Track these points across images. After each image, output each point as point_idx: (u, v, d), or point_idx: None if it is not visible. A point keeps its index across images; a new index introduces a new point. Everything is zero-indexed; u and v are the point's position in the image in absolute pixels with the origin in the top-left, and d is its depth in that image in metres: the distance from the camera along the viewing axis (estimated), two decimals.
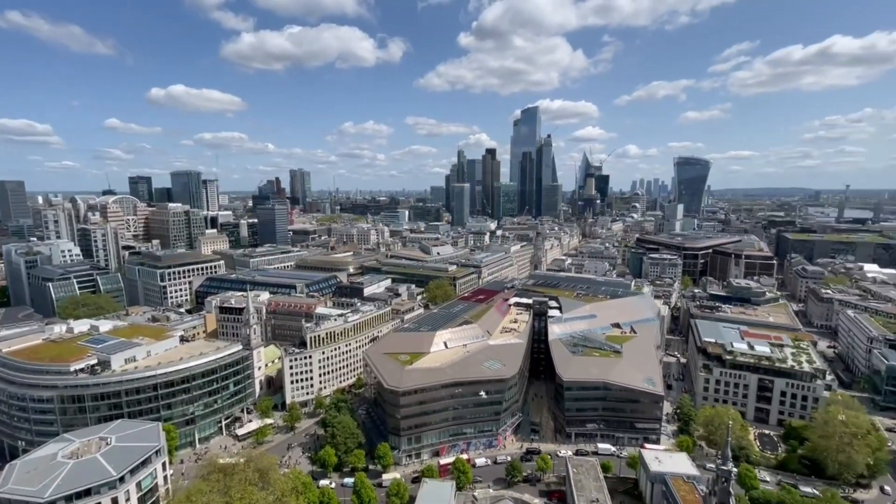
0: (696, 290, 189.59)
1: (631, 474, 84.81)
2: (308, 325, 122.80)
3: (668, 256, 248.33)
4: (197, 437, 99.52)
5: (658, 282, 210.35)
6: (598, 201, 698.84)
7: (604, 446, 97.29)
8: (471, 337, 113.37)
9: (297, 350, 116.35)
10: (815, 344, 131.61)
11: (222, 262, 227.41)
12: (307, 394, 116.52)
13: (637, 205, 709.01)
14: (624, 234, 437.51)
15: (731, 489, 56.04)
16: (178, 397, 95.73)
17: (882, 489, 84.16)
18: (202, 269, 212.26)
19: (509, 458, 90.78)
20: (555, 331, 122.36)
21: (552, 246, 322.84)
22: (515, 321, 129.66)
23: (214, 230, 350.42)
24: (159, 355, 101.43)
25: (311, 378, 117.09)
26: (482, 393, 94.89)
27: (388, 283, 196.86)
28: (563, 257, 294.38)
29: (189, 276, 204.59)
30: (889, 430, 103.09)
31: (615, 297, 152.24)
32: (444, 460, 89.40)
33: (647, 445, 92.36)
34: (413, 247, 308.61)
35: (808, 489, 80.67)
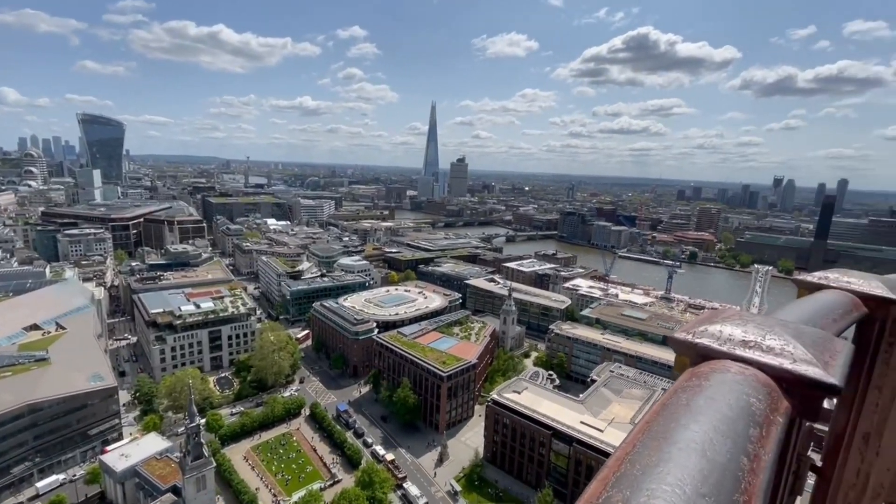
0: (133, 264, 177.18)
1: (97, 489, 72.45)
2: None
3: (93, 231, 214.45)
4: None
5: (85, 262, 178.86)
6: None
7: (47, 482, 76.21)
8: None
9: None
10: (245, 289, 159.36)
11: None
12: None
13: (34, 169, 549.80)
14: (20, 209, 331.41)
15: (201, 440, 60.32)
16: None
17: (301, 380, 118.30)
18: None
19: None
20: None
21: None
22: None
23: None
24: None
25: None
26: None
27: None
28: None
29: None
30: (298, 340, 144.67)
31: (23, 291, 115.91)
32: None
33: (107, 449, 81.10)
34: None
35: (259, 409, 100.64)
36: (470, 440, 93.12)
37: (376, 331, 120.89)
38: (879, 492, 4.94)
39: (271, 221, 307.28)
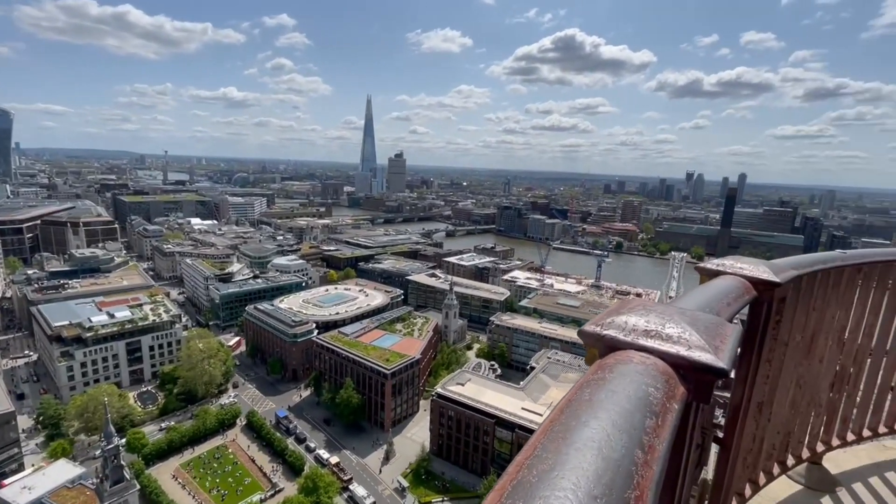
0: (30, 272, 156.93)
1: None
2: None
3: None
4: None
5: None
6: None
7: None
8: None
9: None
10: (168, 295, 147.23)
11: None
12: None
13: None
14: None
15: (121, 462, 55.15)
16: None
17: (234, 385, 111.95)
18: None
19: None
20: None
21: None
22: None
23: None
24: None
25: None
26: None
27: None
28: None
29: None
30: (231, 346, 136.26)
31: None
32: None
33: (4, 483, 71.50)
34: None
35: (189, 422, 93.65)
36: (416, 435, 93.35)
37: (316, 332, 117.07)
38: (772, 453, 5.62)
39: (195, 221, 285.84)
